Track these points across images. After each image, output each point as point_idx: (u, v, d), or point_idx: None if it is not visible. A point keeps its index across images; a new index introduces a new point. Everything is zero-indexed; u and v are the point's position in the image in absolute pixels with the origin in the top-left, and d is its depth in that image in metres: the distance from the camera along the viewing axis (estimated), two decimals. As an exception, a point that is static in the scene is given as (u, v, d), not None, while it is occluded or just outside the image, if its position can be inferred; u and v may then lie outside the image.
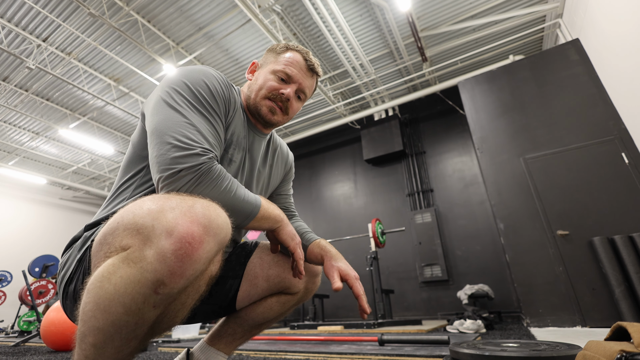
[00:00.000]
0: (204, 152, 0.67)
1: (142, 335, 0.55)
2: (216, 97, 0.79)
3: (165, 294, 0.52)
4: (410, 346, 1.98)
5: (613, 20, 3.02)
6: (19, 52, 5.05)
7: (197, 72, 0.80)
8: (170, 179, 0.64)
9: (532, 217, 3.18)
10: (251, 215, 0.74)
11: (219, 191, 0.68)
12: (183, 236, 0.52)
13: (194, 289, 0.59)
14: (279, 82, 0.90)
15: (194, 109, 0.73)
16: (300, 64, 0.92)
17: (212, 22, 4.85)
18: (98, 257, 0.58)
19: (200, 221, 0.55)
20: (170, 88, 0.75)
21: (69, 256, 0.75)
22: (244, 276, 0.97)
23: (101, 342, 0.51)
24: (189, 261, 0.52)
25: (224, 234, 0.59)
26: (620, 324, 0.74)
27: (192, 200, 0.58)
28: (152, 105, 0.75)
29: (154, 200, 0.57)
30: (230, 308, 0.97)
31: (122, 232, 0.55)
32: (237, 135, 0.88)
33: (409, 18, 4.69)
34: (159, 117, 0.70)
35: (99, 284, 0.51)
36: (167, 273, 0.51)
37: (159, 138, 0.67)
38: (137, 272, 0.51)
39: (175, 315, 0.60)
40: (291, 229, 0.84)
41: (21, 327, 4.57)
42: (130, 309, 0.50)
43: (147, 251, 0.52)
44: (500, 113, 3.72)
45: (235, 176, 0.89)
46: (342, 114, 6.92)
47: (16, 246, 8.54)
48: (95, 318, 0.50)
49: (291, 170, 1.17)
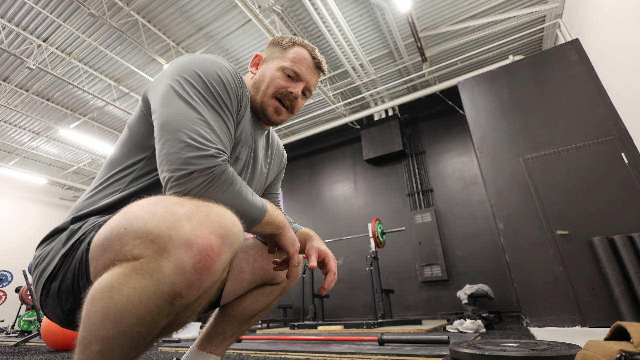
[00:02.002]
0: (218, 153, 0.64)
1: (150, 341, 0.54)
2: (229, 93, 0.74)
3: (180, 305, 0.52)
4: (410, 346, 1.98)
5: (613, 20, 3.02)
6: (20, 52, 5.05)
7: (210, 63, 0.75)
8: (181, 180, 0.61)
9: (532, 217, 3.18)
10: (257, 220, 0.72)
11: (230, 195, 0.65)
12: (203, 249, 0.51)
13: (206, 295, 0.59)
14: (286, 80, 0.88)
15: (208, 104, 0.69)
16: (308, 62, 0.90)
17: (213, 22, 4.85)
18: (100, 262, 0.56)
19: (218, 232, 0.53)
20: (182, 77, 0.70)
21: (51, 249, 0.69)
22: (230, 271, 0.95)
23: (109, 350, 0.50)
24: (207, 273, 0.51)
25: (238, 243, 0.58)
26: (619, 324, 0.74)
27: (206, 207, 0.57)
28: (160, 93, 0.69)
29: (167, 206, 0.55)
30: (214, 304, 0.96)
31: (132, 240, 0.52)
32: (245, 132, 0.86)
33: (408, 18, 4.69)
34: (171, 110, 0.65)
35: (108, 294, 0.49)
36: (186, 286, 0.50)
37: (171, 134, 0.63)
38: (152, 284, 0.49)
39: (185, 320, 0.60)
40: (292, 235, 0.83)
41: (21, 326, 4.57)
42: (144, 320, 0.49)
43: (163, 263, 0.50)
44: (500, 113, 3.72)
45: (240, 174, 0.87)
46: (342, 114, 6.92)
47: (17, 246, 8.55)
48: (105, 328, 0.49)
49: (284, 168, 1.17)
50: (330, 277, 0.86)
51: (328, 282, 0.85)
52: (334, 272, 0.87)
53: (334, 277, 0.86)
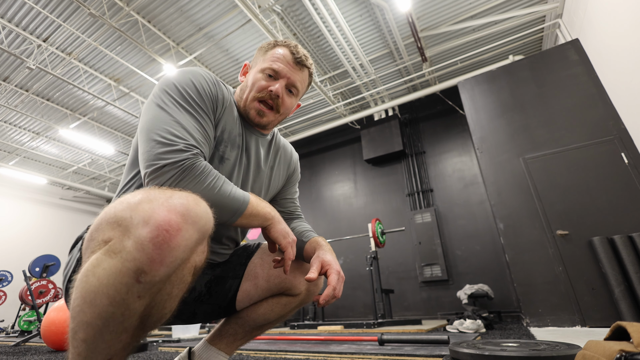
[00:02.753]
0: (187, 147, 0.69)
1: (132, 329, 0.54)
2: (202, 95, 0.80)
3: (147, 282, 0.52)
4: (410, 346, 1.98)
5: (612, 20, 3.03)
6: (20, 52, 5.05)
7: (186, 72, 0.82)
8: (154, 174, 0.67)
9: (532, 217, 3.18)
10: (238, 211, 0.73)
11: (203, 187, 0.69)
12: (160, 224, 0.53)
13: (177, 279, 0.59)
14: (267, 79, 0.90)
15: (180, 107, 0.75)
16: (287, 58, 0.91)
17: (213, 22, 4.85)
18: (86, 254, 0.59)
19: (177, 210, 0.55)
20: (161, 90, 0.78)
21: (72, 256, 0.77)
22: (244, 276, 0.96)
23: (91, 337, 0.51)
24: (167, 248, 0.53)
25: (203, 222, 0.59)
26: (619, 324, 0.74)
27: (171, 192, 0.59)
28: (144, 106, 0.79)
29: (135, 195, 0.58)
30: (230, 308, 0.97)
31: (104, 226, 0.56)
32: (228, 132, 0.88)
33: (408, 18, 4.70)
34: (147, 116, 0.74)
35: (84, 278, 0.52)
36: (147, 261, 0.51)
37: (145, 136, 0.70)
38: (118, 262, 0.51)
39: (163, 306, 0.59)
40: (283, 227, 0.82)
41: (21, 326, 4.57)
42: (114, 300, 0.51)
43: (126, 241, 0.52)
44: (499, 113, 3.72)
45: (230, 174, 0.89)
46: (342, 114, 6.93)
47: (17, 246, 8.55)
48: (83, 312, 0.51)
49: (295, 171, 1.14)
50: (328, 291, 0.79)
51: (324, 297, 0.78)
52: (334, 287, 0.79)
53: (333, 292, 0.79)
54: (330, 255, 0.87)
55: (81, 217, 10.30)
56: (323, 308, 4.70)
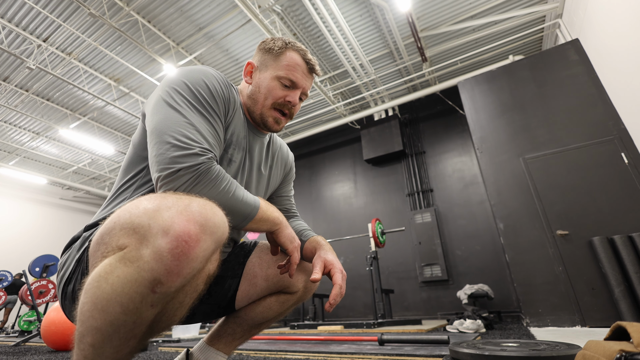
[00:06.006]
0: (202, 152, 0.68)
1: (140, 335, 0.54)
2: (216, 97, 0.79)
3: (162, 293, 0.52)
4: (410, 346, 1.98)
5: (612, 20, 3.03)
6: (20, 52, 5.05)
7: (197, 72, 0.80)
8: (168, 179, 0.65)
9: (532, 217, 3.18)
10: (249, 216, 0.74)
11: (217, 191, 0.68)
12: (179, 235, 0.52)
13: (191, 288, 0.59)
14: (283, 89, 0.89)
15: (194, 108, 0.73)
16: (302, 68, 0.91)
17: (213, 22, 4.85)
18: (95, 257, 0.58)
19: (196, 220, 0.54)
20: (170, 88, 0.75)
21: (68, 256, 0.74)
22: (243, 276, 0.96)
23: (99, 342, 0.51)
24: (185, 260, 0.52)
25: (220, 232, 0.58)
26: (619, 324, 0.74)
27: (188, 199, 0.58)
28: (152, 105, 0.75)
29: (151, 200, 0.57)
30: (229, 308, 0.97)
31: (118, 232, 0.55)
32: (237, 135, 0.88)
33: (408, 18, 4.70)
34: (159, 116, 0.71)
35: (96, 283, 0.51)
36: (164, 272, 0.51)
37: (158, 137, 0.68)
38: (134, 271, 0.51)
39: (174, 314, 0.60)
40: (290, 232, 0.83)
41: (21, 326, 4.57)
42: (127, 308, 0.50)
43: (143, 250, 0.51)
44: (499, 113, 3.72)
45: (235, 176, 0.89)
46: (342, 114, 6.93)
47: (17, 246, 8.55)
48: (93, 318, 0.50)
49: (291, 170, 1.16)
50: (335, 290, 0.80)
51: (333, 297, 0.79)
52: (340, 285, 0.82)
53: (339, 290, 0.81)
54: (331, 255, 0.88)
55: (81, 217, 10.30)
56: (323, 308, 4.70)
